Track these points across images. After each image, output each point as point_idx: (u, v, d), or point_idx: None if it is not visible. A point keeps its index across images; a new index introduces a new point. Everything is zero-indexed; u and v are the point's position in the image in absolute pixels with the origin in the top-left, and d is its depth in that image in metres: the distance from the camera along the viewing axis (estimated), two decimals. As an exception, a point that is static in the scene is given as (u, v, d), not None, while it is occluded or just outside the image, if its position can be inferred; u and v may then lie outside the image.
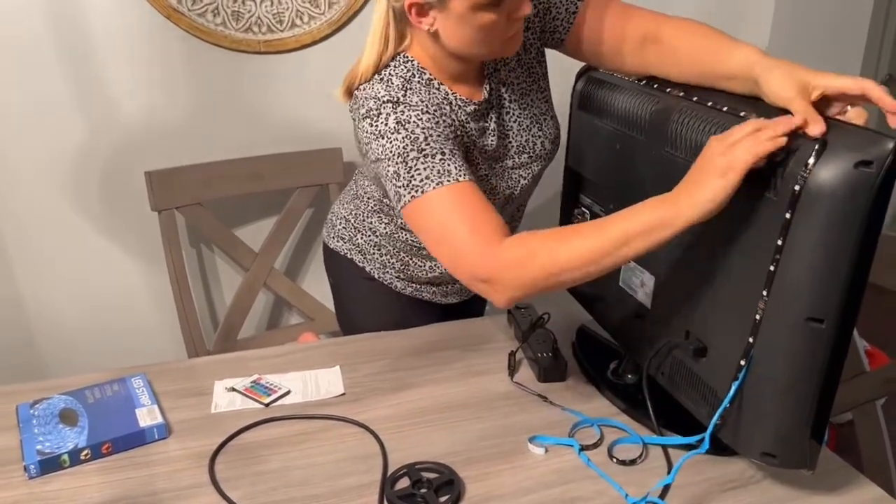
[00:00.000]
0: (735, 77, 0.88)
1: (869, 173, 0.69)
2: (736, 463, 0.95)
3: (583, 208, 1.20)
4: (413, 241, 1.23)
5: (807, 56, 2.10)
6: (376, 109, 1.00)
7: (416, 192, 0.95)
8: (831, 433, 2.09)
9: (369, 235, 1.28)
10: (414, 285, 1.33)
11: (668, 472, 0.92)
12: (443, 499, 0.88)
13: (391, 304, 1.34)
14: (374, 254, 1.30)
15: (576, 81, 1.20)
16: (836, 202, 0.71)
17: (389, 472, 0.92)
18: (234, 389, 1.12)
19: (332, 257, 1.38)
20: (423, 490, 0.88)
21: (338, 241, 1.35)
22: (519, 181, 1.19)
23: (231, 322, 1.80)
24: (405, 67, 1.06)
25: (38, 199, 1.71)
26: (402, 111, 0.99)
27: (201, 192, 1.70)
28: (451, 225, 0.93)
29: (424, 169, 0.95)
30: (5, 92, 1.61)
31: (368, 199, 1.25)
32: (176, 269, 1.68)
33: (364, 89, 1.04)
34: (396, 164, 0.96)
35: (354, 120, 1.06)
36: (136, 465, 0.96)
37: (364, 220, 1.28)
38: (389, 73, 1.05)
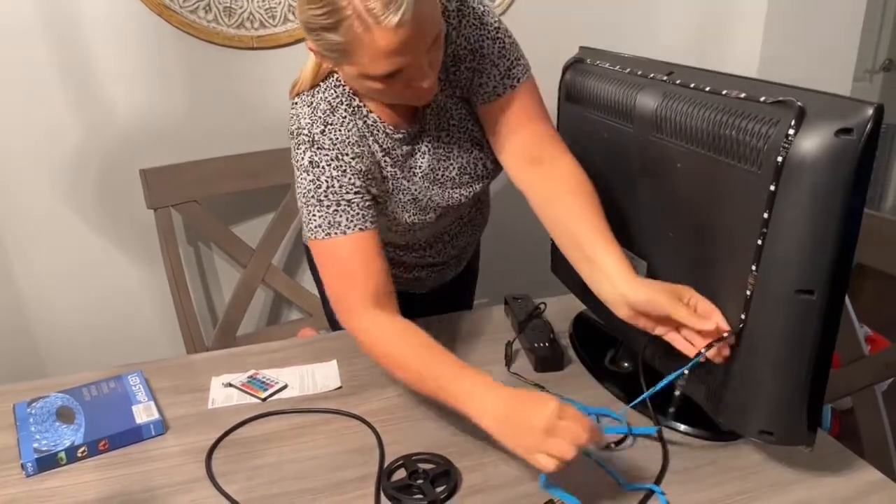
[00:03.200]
0: (602, 276, 0.93)
1: (850, 140, 0.69)
2: (735, 449, 0.95)
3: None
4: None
5: (803, 42, 2.09)
6: (297, 139, 1.03)
7: (311, 234, 1.02)
8: (835, 420, 2.08)
9: None
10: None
11: (663, 458, 0.92)
12: (439, 489, 0.87)
13: None
14: None
15: (563, 73, 1.19)
16: (819, 171, 0.71)
17: (386, 464, 0.92)
18: (230, 385, 1.11)
19: (310, 253, 1.39)
20: (420, 481, 0.88)
21: None
22: (459, 199, 1.16)
23: (230, 319, 1.80)
24: (335, 92, 1.04)
25: (34, 198, 1.71)
26: (316, 153, 1.01)
27: (197, 189, 1.69)
28: (329, 276, 1.03)
29: (318, 216, 1.01)
30: (-1, 93, 1.61)
31: None
32: (173, 266, 1.68)
33: (297, 104, 1.05)
34: (301, 201, 1.03)
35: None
36: (133, 461, 0.96)
37: None
38: (320, 98, 1.03)
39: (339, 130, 1.03)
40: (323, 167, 1.01)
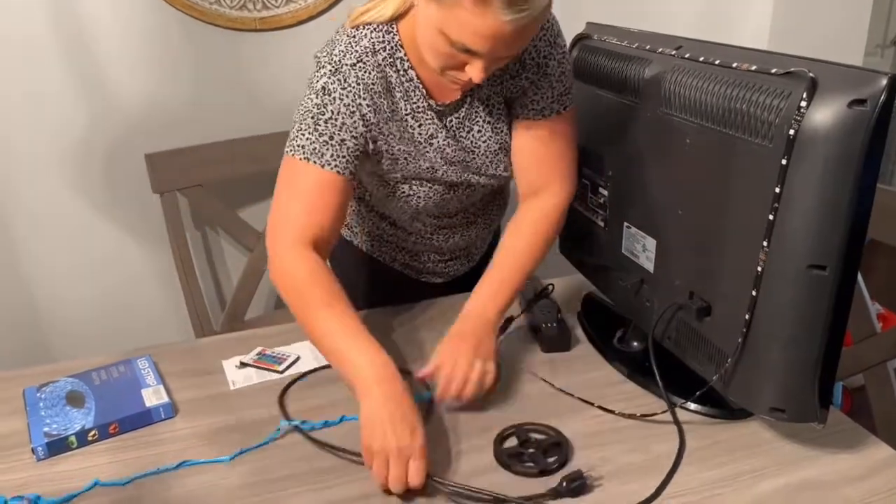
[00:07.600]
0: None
1: (864, 112, 0.68)
2: (747, 426, 0.94)
3: (583, 180, 1.18)
4: (384, 213, 1.25)
5: (814, 17, 2.05)
6: (321, 61, 1.01)
7: (291, 150, 1.02)
8: (846, 397, 2.07)
9: (351, 206, 1.28)
10: (399, 258, 1.33)
11: (680, 437, 0.92)
12: (550, 459, 0.88)
13: (382, 278, 1.34)
14: (358, 224, 1.31)
15: (570, 50, 1.18)
16: (831, 144, 0.70)
17: (498, 432, 0.93)
18: (245, 364, 1.11)
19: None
20: (532, 450, 0.89)
21: None
22: (476, 188, 1.17)
23: (238, 302, 1.80)
24: (383, 36, 1.01)
25: (40, 184, 1.71)
26: (334, 82, 1.00)
27: (202, 173, 1.69)
28: (290, 198, 1.02)
29: (306, 138, 1.01)
30: (2, 79, 1.60)
31: None
32: (180, 251, 1.68)
33: (339, 32, 1.03)
34: (299, 116, 1.02)
35: None
36: (143, 444, 0.96)
37: None
38: (364, 34, 1.00)
39: (370, 74, 1.00)
40: (335, 97, 1.00)
